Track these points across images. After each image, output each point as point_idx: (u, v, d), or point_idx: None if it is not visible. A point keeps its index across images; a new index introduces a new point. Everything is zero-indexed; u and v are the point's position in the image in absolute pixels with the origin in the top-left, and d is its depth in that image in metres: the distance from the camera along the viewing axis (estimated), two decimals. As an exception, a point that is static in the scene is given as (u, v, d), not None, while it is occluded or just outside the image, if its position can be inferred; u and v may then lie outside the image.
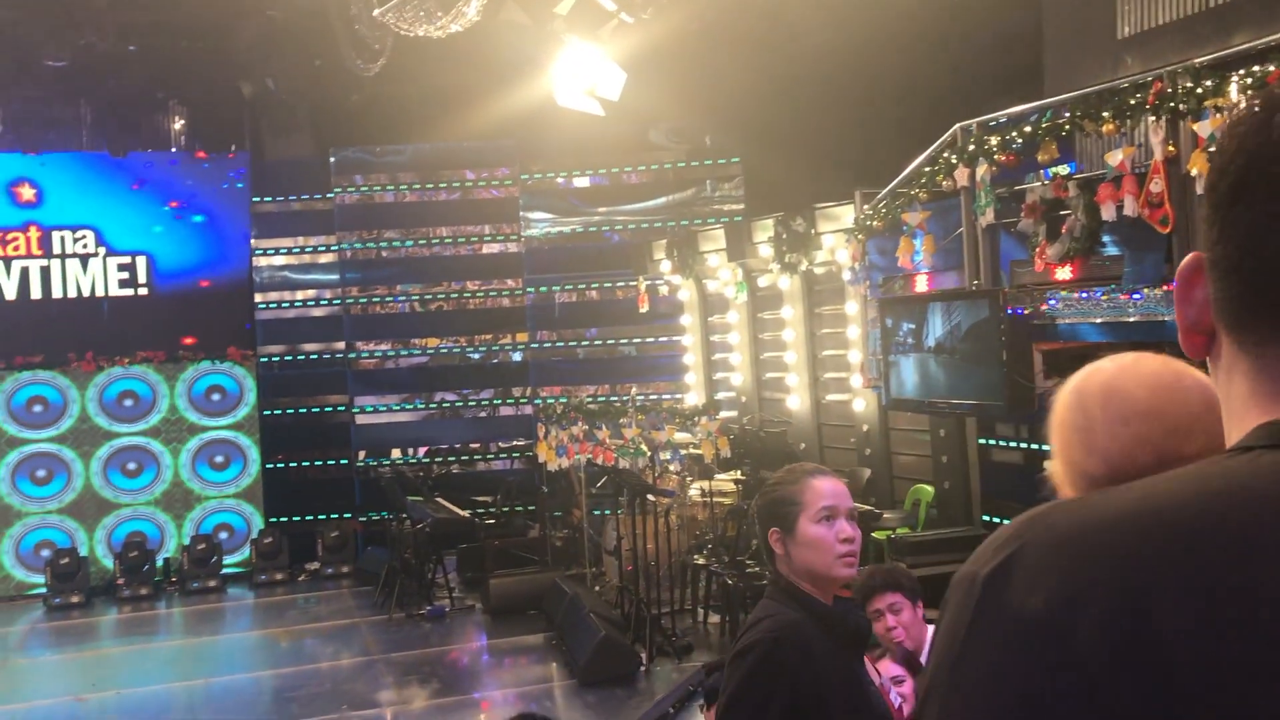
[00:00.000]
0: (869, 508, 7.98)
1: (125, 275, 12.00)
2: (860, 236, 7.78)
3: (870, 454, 9.33)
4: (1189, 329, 0.87)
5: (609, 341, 12.98)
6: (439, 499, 10.50)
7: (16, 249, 11.70)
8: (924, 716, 0.78)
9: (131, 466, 11.70)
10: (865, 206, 7.82)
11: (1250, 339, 0.82)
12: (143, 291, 12.03)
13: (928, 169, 7.02)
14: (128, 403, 11.72)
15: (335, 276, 12.96)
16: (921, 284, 7.34)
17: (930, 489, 8.42)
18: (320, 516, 12.44)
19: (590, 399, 11.77)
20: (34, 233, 11.76)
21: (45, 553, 11.25)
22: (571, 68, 8.53)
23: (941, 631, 0.79)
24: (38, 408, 11.48)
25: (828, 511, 2.55)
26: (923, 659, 3.72)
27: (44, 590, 11.03)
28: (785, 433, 9.68)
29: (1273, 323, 0.80)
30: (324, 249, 13.03)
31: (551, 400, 12.05)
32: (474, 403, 13.18)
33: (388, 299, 13.26)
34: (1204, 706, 0.68)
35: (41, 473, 11.45)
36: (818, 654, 2.43)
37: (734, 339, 11.11)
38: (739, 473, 9.20)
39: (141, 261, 12.06)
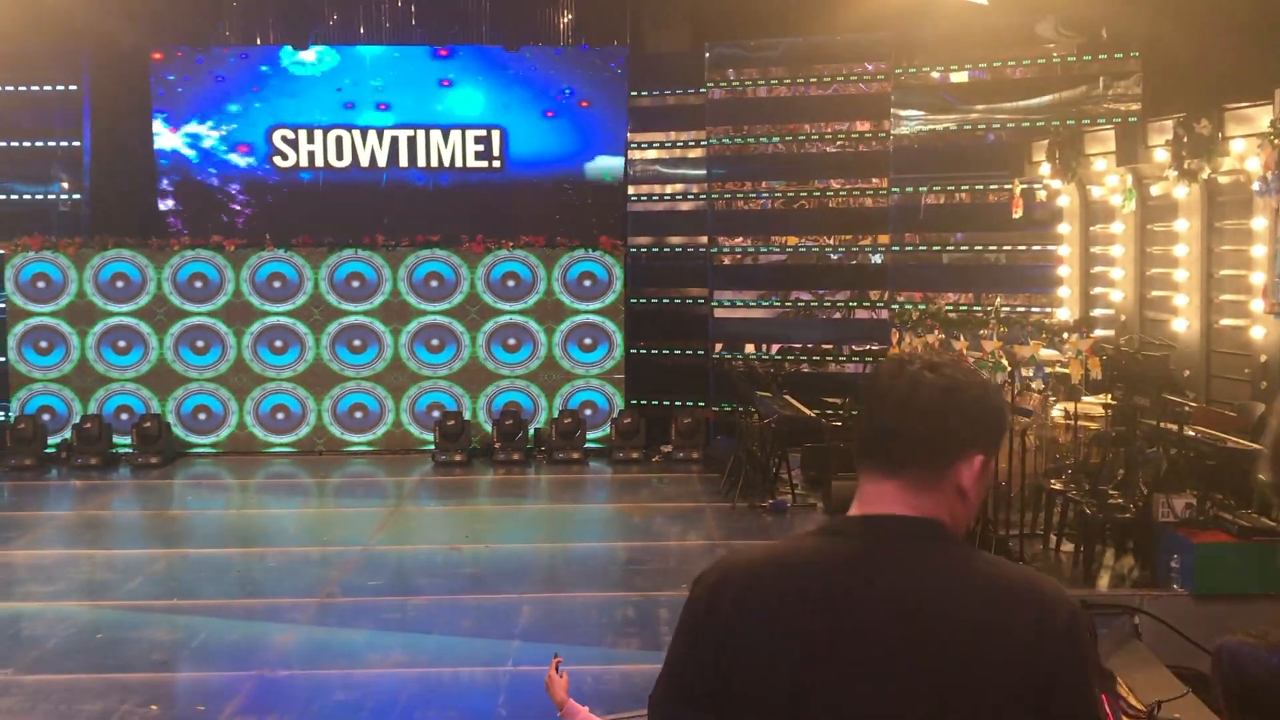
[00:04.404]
0: (1257, 447, 7.21)
1: (507, 165, 12.92)
2: (1277, 142, 6.86)
3: (1266, 388, 8.37)
4: None
5: (976, 247, 12.37)
6: (787, 396, 10.59)
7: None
8: None
9: (511, 342, 12.69)
10: (1287, 108, 6.87)
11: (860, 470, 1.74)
12: (522, 180, 12.90)
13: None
14: (510, 283, 12.66)
15: (703, 171, 13.21)
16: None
17: (1337, 432, 7.44)
18: (676, 402, 12.94)
19: (950, 307, 11.33)
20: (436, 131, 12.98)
21: (435, 414, 12.52)
22: (955, -46, 8.03)
23: None
24: (434, 283, 12.66)
25: None
26: None
27: (432, 448, 12.29)
28: (1168, 357, 8.86)
29: (862, 464, 1.73)
30: (693, 144, 13.28)
31: (910, 306, 11.72)
32: (829, 303, 13.08)
33: (751, 195, 13.34)
34: (733, 641, 1.65)
35: (435, 342, 12.67)
36: None
37: (1117, 252, 10.25)
38: (1109, 397, 8.56)
39: (521, 152, 12.91)
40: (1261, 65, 8.18)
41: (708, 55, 12.88)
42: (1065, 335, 8.64)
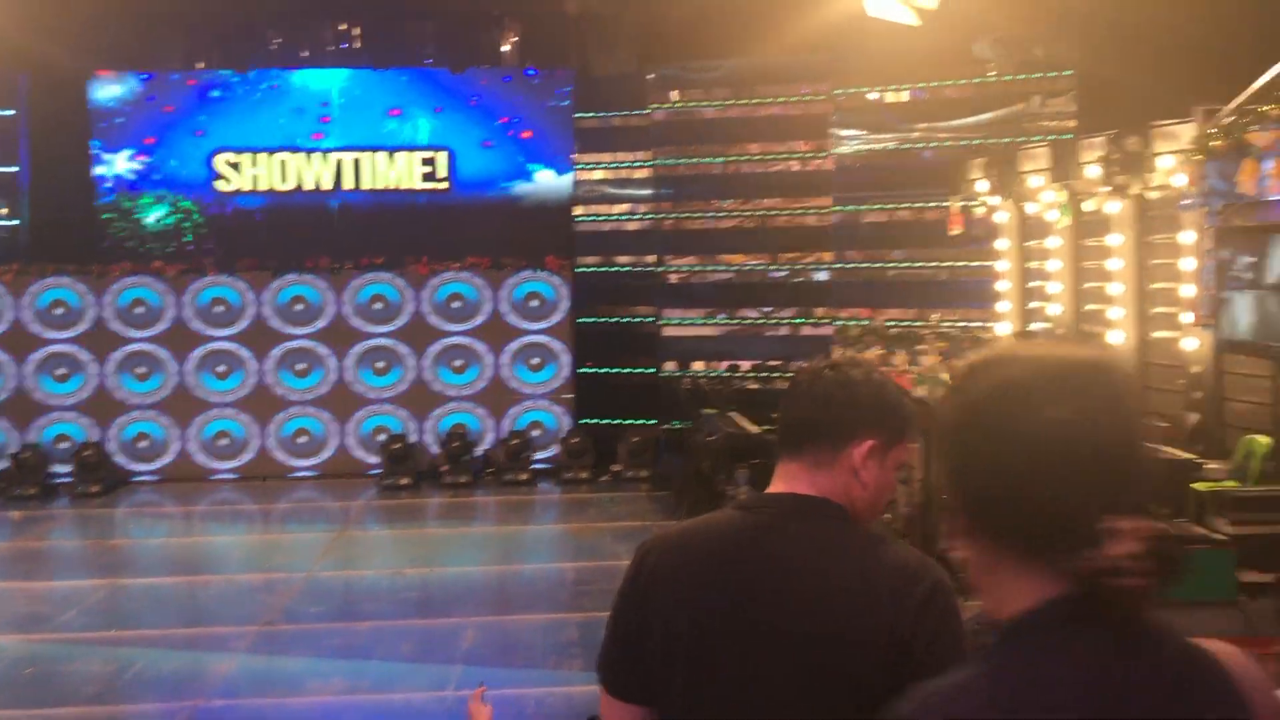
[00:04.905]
0: (1190, 457, 7.34)
1: (454, 187, 12.90)
2: (1198, 158, 7.02)
3: (1200, 398, 8.52)
4: None
5: (918, 264, 12.52)
6: (733, 414, 10.63)
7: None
8: None
9: (457, 363, 12.64)
10: (1208, 125, 7.03)
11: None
12: (468, 201, 12.87)
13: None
14: (456, 305, 12.62)
15: (649, 192, 13.28)
16: (1268, 213, 6.54)
17: (1266, 440, 7.59)
18: (625, 421, 12.94)
19: (892, 323, 11.45)
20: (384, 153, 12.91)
21: (381, 437, 12.43)
22: (887, -25, 8.17)
23: None
24: (379, 305, 12.59)
25: None
26: None
27: (378, 471, 12.20)
28: (1102, 369, 9.00)
29: (778, 449, 2.03)
30: (640, 165, 13.34)
31: (854, 322, 11.83)
32: (775, 320, 13.16)
33: (697, 215, 13.41)
34: (654, 591, 1.93)
35: (380, 364, 12.60)
36: None
37: (1054, 266, 10.40)
38: (1047, 409, 8.67)
39: (468, 174, 12.91)
40: (1185, 83, 8.37)
41: (652, 77, 12.97)
42: (1003, 349, 8.73)
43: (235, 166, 12.90)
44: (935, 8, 8.32)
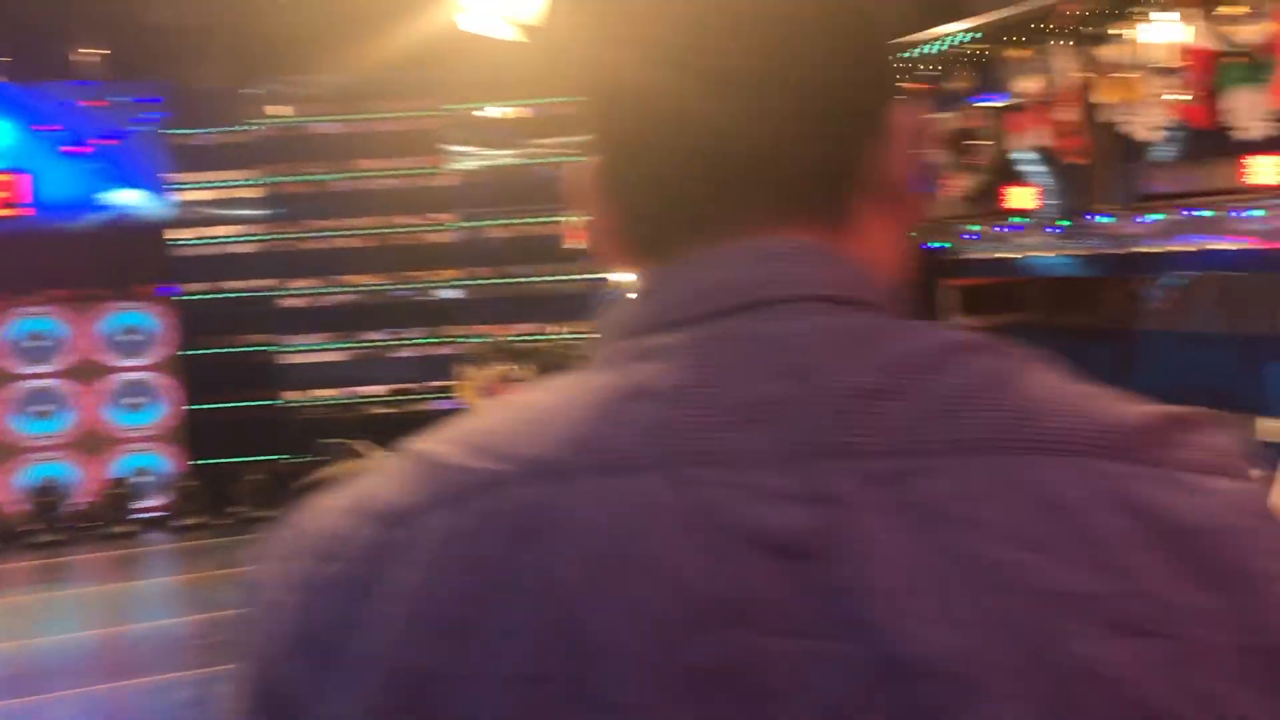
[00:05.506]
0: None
1: (36, 212, 11.58)
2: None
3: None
4: None
5: (541, 278, 12.70)
6: (359, 441, 10.25)
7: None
8: None
9: (41, 409, 11.35)
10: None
11: None
12: (52, 228, 11.61)
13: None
14: (37, 343, 11.35)
15: (257, 211, 12.61)
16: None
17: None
18: (244, 459, 12.14)
19: (517, 338, 11.53)
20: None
21: (-49, 499, 10.93)
22: (485, -10, 8.17)
23: None
24: (-60, 348, 11.08)
25: None
26: None
27: (-50, 537, 10.72)
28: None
29: None
30: (246, 183, 12.65)
31: (478, 340, 11.81)
32: (402, 341, 12.90)
33: (314, 235, 12.89)
34: None
35: (-54, 416, 11.09)
36: None
37: (667, 276, 10.89)
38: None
39: (51, 197, 11.64)
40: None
41: (252, 92, 12.34)
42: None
43: None
44: (536, 23, 8.40)
